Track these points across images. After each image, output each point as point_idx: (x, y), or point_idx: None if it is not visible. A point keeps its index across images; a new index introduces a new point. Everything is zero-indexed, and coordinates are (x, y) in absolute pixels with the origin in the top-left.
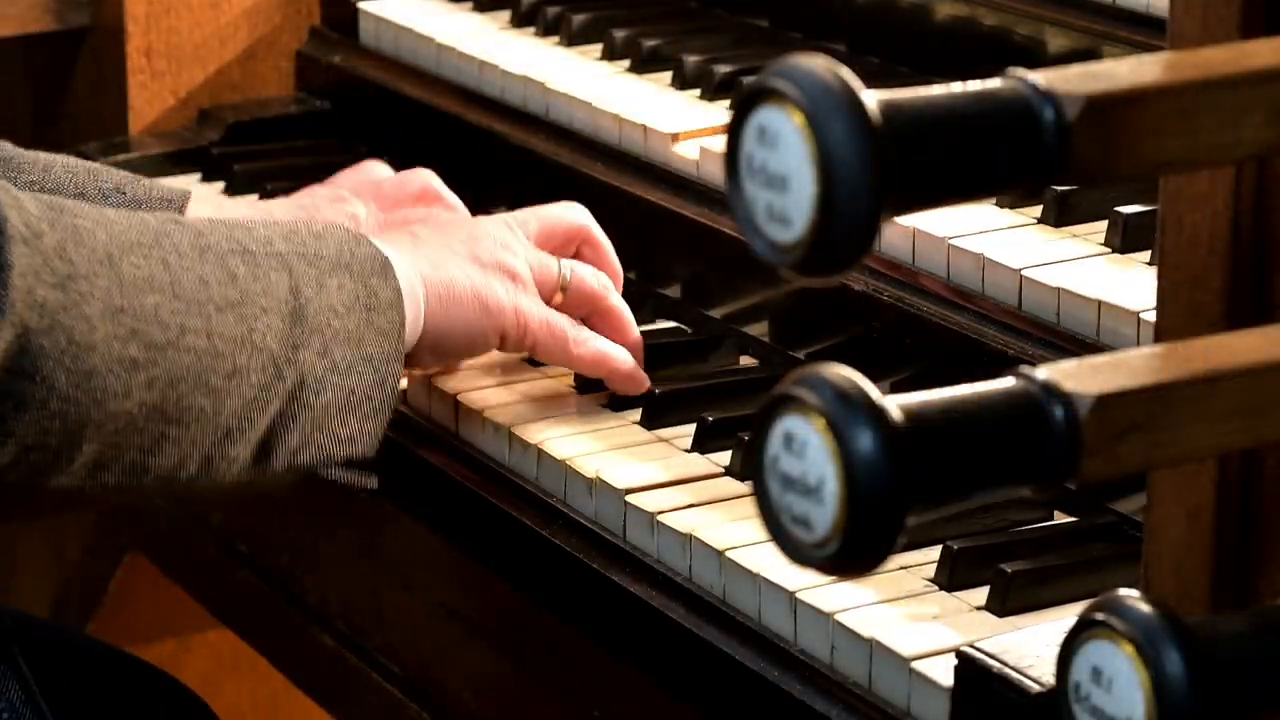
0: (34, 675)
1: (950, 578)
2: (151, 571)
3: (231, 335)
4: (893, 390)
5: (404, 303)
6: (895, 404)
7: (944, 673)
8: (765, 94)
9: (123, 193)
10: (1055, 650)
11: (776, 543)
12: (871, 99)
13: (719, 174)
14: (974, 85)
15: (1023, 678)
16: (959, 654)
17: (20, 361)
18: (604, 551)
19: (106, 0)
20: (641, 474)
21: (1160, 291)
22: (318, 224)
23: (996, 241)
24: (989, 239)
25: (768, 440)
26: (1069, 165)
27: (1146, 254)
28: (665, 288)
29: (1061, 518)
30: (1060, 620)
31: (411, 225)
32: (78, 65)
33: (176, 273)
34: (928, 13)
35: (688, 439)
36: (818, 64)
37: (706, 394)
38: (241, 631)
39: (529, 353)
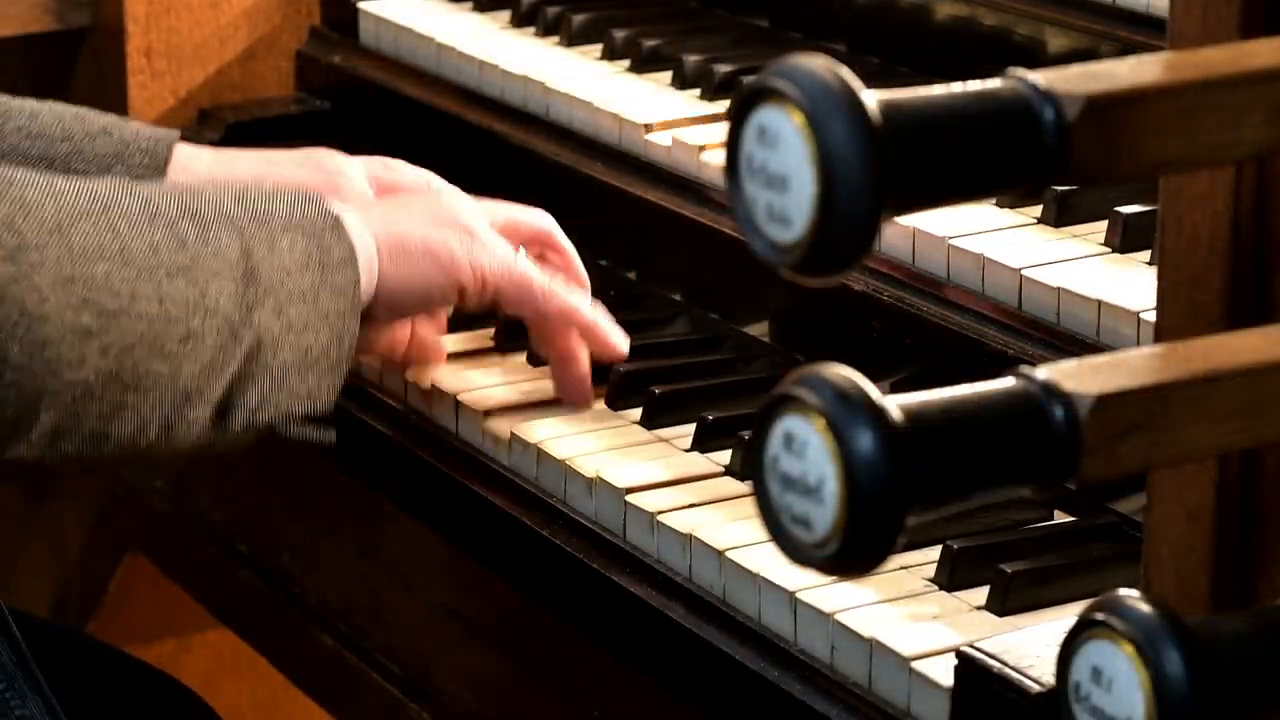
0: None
1: (950, 578)
2: (151, 571)
3: (184, 300)
4: (893, 390)
5: (358, 259)
6: (895, 404)
7: (944, 673)
8: (765, 94)
9: (109, 134)
10: (1055, 650)
11: (776, 543)
12: (871, 99)
13: (719, 174)
14: (974, 85)
15: (1023, 678)
16: (959, 654)
17: None
18: (604, 551)
19: (106, 0)
20: (641, 474)
21: (1160, 291)
22: (269, 183)
23: (996, 241)
24: (989, 239)
25: (768, 440)
26: (1069, 165)
27: (1146, 254)
28: (665, 288)
29: (1061, 518)
30: (1060, 620)
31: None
32: (78, 65)
33: (126, 240)
34: (928, 13)
35: (688, 439)
36: (818, 64)
37: (706, 394)
38: (241, 631)
39: (497, 307)
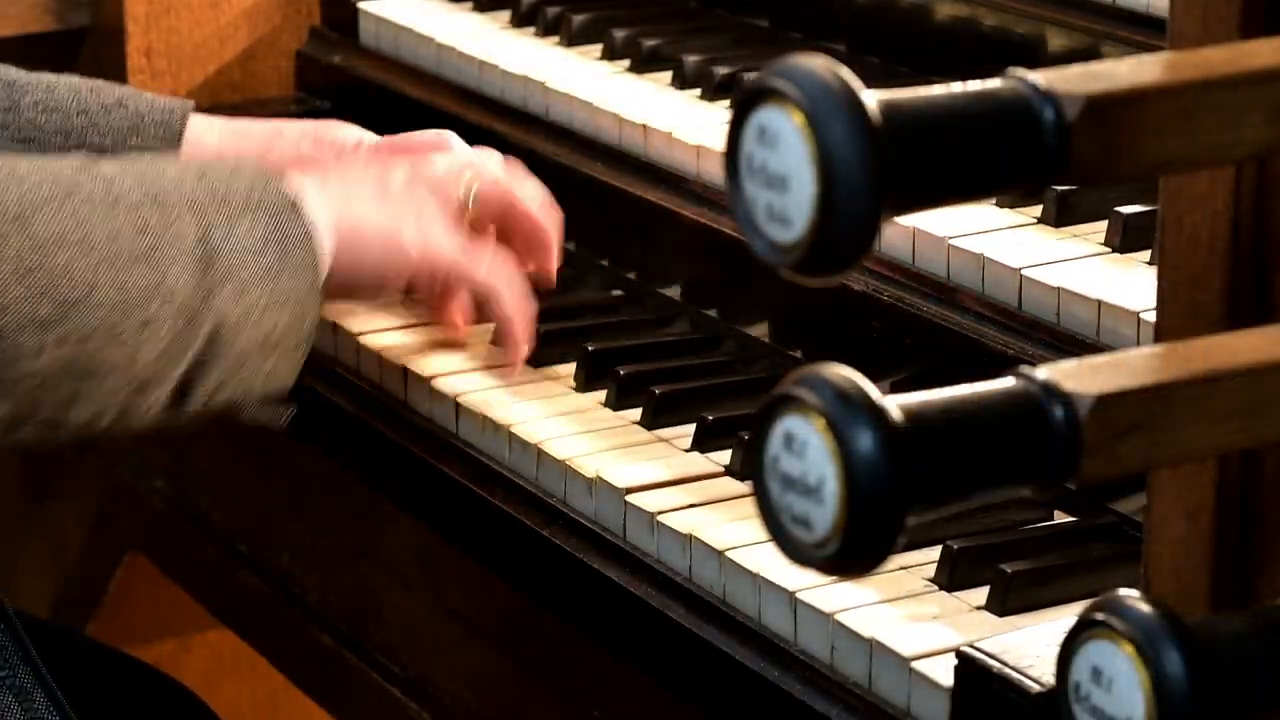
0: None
1: (950, 578)
2: (151, 571)
3: (144, 286)
4: (893, 390)
5: (317, 238)
6: (895, 404)
7: (944, 673)
8: (765, 94)
9: (125, 106)
10: (1055, 650)
11: (776, 543)
12: (871, 99)
13: (719, 174)
14: (974, 85)
15: (1023, 678)
16: (959, 654)
17: None
18: (604, 551)
19: (106, 0)
20: (641, 474)
21: (1160, 291)
22: (231, 160)
23: (996, 241)
24: (989, 239)
25: (768, 440)
26: (1069, 165)
27: (1146, 254)
28: (665, 288)
29: (1061, 518)
30: (1060, 620)
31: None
32: (78, 65)
33: (87, 227)
34: (928, 13)
35: (688, 439)
36: (818, 64)
37: (706, 394)
38: (241, 631)
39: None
